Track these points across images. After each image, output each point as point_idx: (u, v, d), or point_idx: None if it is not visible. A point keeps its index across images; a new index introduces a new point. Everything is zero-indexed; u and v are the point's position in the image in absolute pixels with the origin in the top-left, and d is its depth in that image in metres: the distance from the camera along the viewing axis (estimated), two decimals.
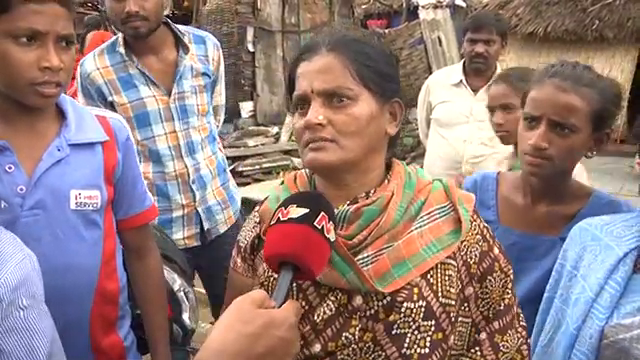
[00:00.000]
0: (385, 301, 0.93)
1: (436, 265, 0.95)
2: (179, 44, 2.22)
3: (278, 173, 7.23)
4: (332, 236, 0.84)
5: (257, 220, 1.12)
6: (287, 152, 8.19)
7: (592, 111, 1.35)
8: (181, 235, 2.29)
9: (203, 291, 2.59)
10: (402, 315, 0.92)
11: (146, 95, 2.15)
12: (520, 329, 1.07)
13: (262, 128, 8.39)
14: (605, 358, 1.10)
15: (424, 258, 0.93)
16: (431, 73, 5.20)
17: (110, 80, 2.15)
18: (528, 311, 1.19)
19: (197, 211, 2.30)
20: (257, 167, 7.52)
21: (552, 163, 1.38)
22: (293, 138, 8.62)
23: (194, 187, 2.27)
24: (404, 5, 10.60)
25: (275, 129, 8.47)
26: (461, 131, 2.82)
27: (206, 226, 2.33)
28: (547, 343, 1.27)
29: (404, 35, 9.49)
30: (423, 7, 9.95)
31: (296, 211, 0.82)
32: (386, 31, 11.36)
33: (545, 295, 1.34)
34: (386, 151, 1.04)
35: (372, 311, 0.94)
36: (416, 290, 0.93)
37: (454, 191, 1.02)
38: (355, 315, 0.94)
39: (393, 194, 0.97)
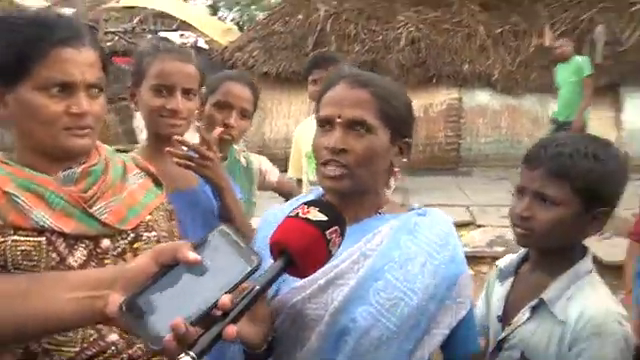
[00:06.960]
0: (130, 237, 1.22)
1: (155, 208, 1.32)
2: None
3: None
4: (335, 250, 0.94)
5: None
6: None
7: None
8: None
9: None
10: (144, 242, 1.24)
11: None
12: None
13: None
14: (286, 326, 1.15)
15: (146, 204, 1.28)
16: None
17: None
18: None
19: None
20: None
21: None
22: None
23: None
24: None
25: None
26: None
27: None
28: None
29: None
30: None
31: (315, 214, 0.92)
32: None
33: None
34: None
35: (120, 249, 1.20)
36: (150, 224, 1.28)
37: (143, 163, 1.38)
38: (107, 255, 1.18)
39: (107, 159, 1.25)
